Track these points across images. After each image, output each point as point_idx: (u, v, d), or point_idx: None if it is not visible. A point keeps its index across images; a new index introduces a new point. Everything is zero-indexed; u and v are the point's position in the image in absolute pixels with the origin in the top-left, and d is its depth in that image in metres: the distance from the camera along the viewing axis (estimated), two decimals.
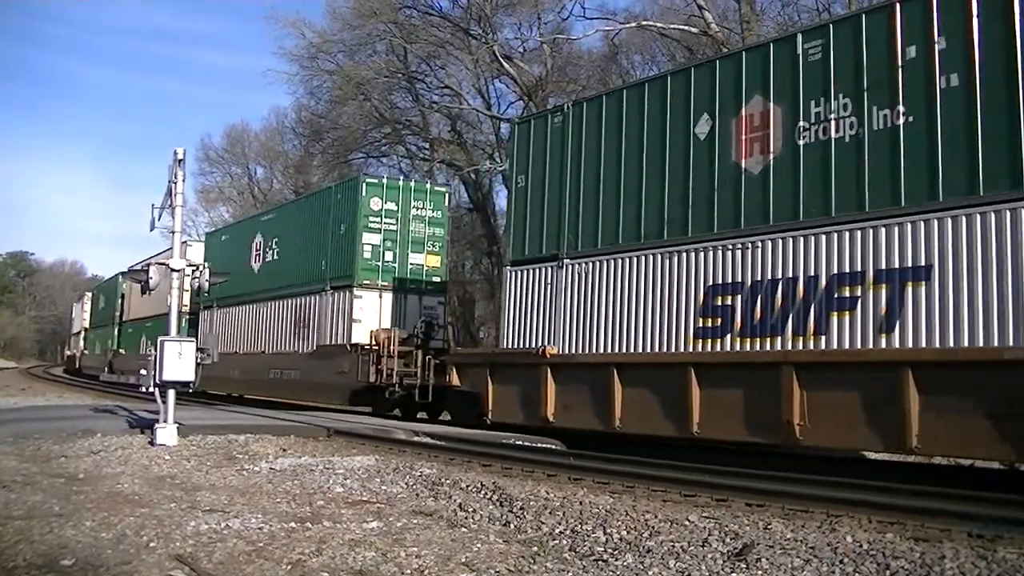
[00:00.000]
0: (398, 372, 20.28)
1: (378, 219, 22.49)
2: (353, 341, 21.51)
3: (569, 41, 39.49)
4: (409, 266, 22.64)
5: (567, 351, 15.30)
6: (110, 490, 9.07)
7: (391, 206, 22.72)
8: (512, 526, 7.61)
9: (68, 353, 67.95)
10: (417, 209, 23.01)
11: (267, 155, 67.61)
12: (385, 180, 23.32)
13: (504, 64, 40.16)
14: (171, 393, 13.27)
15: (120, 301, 42.40)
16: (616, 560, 6.29)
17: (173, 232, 14.41)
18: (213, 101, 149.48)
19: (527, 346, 16.04)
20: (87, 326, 55.64)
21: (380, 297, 22.16)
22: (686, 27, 32.83)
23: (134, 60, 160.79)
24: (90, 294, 57.25)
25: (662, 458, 11.75)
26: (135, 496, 8.72)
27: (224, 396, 29.03)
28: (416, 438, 14.76)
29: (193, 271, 14.64)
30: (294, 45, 46.64)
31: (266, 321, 26.58)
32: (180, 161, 14.17)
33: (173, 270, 13.98)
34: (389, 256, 22.46)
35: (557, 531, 7.32)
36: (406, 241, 22.75)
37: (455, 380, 17.92)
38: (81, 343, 57.43)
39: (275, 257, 26.67)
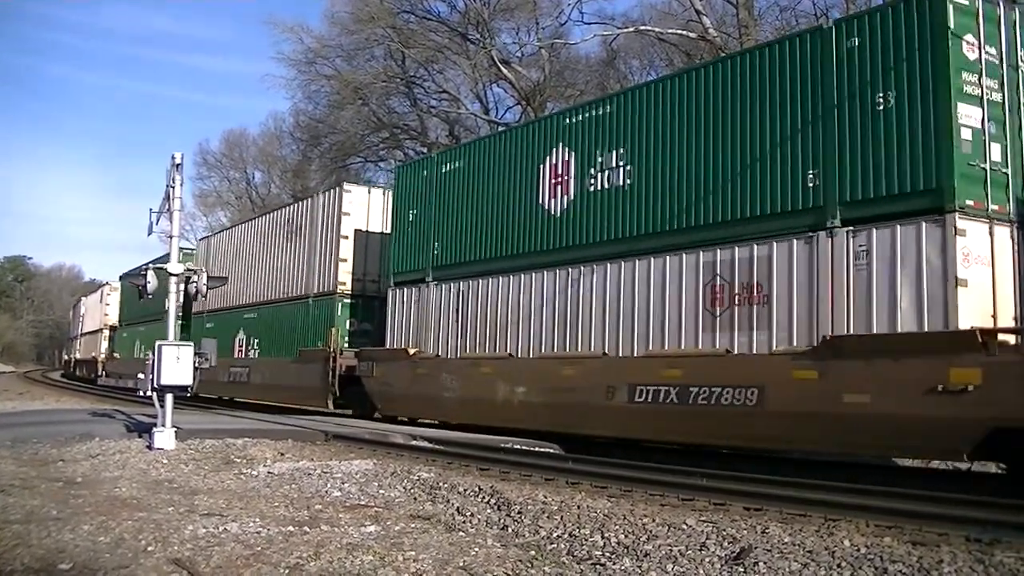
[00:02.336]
0: None
1: (975, 78, 11.20)
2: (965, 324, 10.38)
3: (567, 46, 39.59)
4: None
5: None
6: (108, 494, 9.06)
7: (991, 54, 11.43)
8: (510, 530, 7.61)
9: (73, 357, 58.84)
10: None
11: (265, 160, 67.76)
12: (980, 2, 11.39)
13: (502, 69, 40.24)
14: (169, 397, 13.26)
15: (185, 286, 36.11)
16: (614, 564, 6.30)
17: (171, 236, 14.42)
18: (211, 106, 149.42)
19: None
20: (114, 323, 44.90)
21: (991, 234, 11.07)
22: (684, 32, 32.89)
23: (132, 65, 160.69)
24: (117, 284, 46.01)
25: None
26: (133, 500, 8.71)
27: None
28: (414, 442, 14.75)
29: (191, 274, 14.64)
30: (292, 50, 46.83)
31: (592, 299, 14.93)
32: (178, 166, 14.19)
33: (171, 275, 14.00)
34: (995, 152, 11.28)
35: (555, 535, 7.32)
36: (1018, 121, 11.56)
37: None
38: (103, 344, 46.93)
39: (621, 182, 14.70)
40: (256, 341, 26.29)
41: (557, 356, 15.42)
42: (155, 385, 13.17)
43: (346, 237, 22.32)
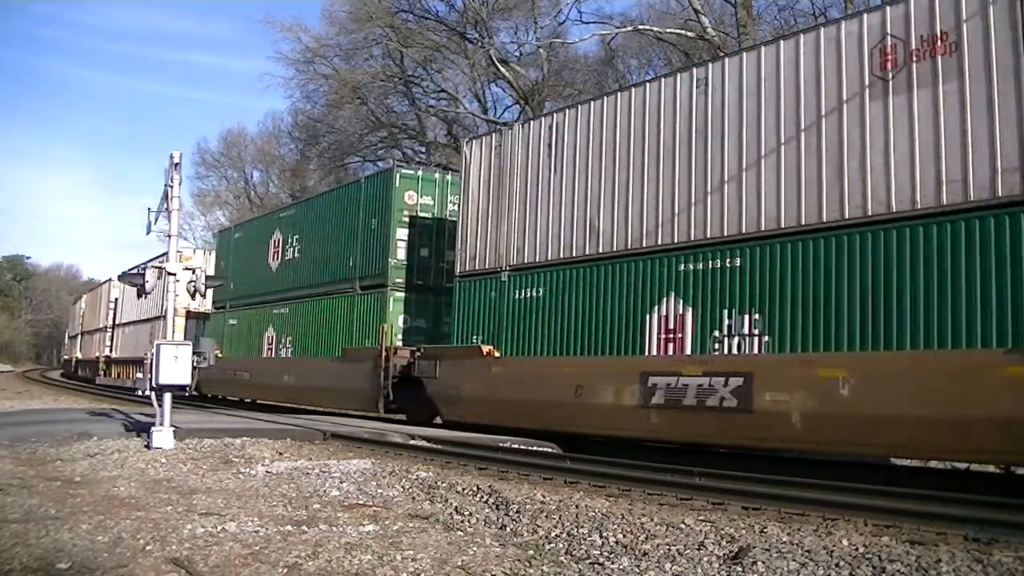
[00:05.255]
0: None
1: None
2: None
3: (565, 45, 39.63)
4: None
5: None
6: (106, 493, 9.05)
7: None
8: (508, 529, 7.61)
9: (99, 356, 44.43)
10: None
11: (263, 159, 67.75)
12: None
13: (500, 68, 40.26)
14: (167, 396, 13.25)
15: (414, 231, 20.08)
16: (612, 563, 6.29)
17: (169, 236, 14.39)
18: (209, 105, 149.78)
19: None
20: (192, 308, 29.01)
21: None
22: (682, 31, 32.91)
23: (130, 63, 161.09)
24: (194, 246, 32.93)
25: None
26: (131, 499, 8.71)
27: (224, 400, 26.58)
28: (412, 441, 14.74)
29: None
30: (291, 49, 46.90)
31: None
32: (176, 165, 14.18)
33: (170, 274, 13.98)
34: None
35: (553, 534, 7.32)
36: None
37: None
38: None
39: None
40: (758, 321, 12.26)
41: None
42: (153, 384, 13.17)
43: None
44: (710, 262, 12.99)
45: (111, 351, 42.34)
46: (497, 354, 16.23)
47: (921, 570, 5.86)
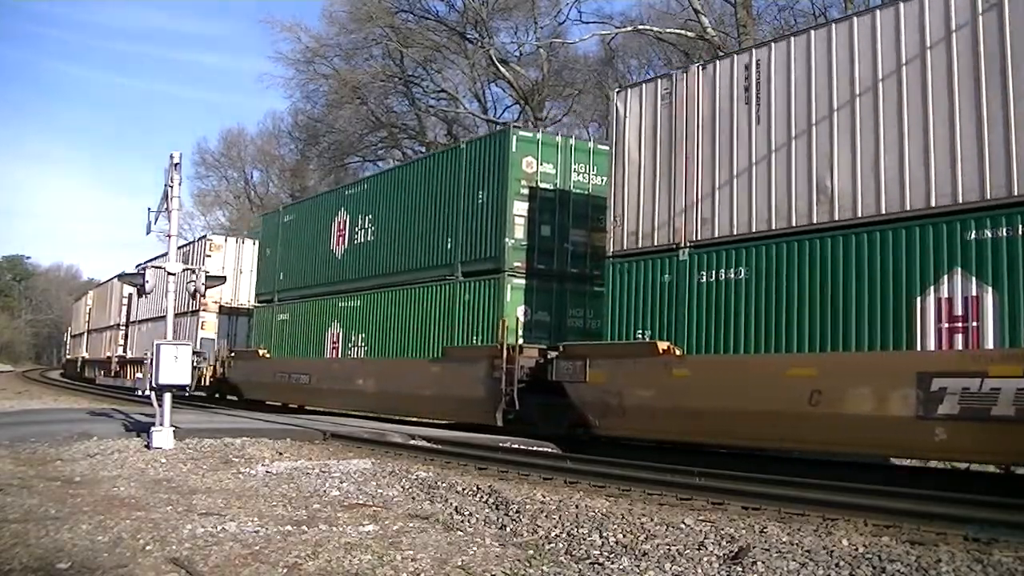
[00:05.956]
0: None
1: None
2: None
3: (565, 45, 39.66)
4: None
5: None
6: (106, 493, 9.06)
7: None
8: (508, 529, 7.61)
9: (111, 355, 40.20)
10: None
11: (263, 159, 67.84)
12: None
13: (500, 68, 40.29)
14: (167, 396, 13.25)
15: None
16: (612, 563, 6.29)
17: (169, 236, 14.39)
18: (209, 105, 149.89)
19: None
20: (232, 303, 28.81)
21: None
22: (682, 31, 32.92)
23: (130, 63, 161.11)
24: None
25: None
26: (131, 499, 8.71)
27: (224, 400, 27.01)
28: (412, 442, 14.75)
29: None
30: (290, 49, 46.94)
31: None
32: (176, 165, 14.19)
33: (170, 274, 13.99)
34: None
35: (553, 534, 7.32)
36: None
37: None
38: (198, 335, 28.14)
39: None
40: None
41: None
42: (153, 384, 13.17)
43: None
44: (1021, 226, 9.64)
45: (125, 350, 38.29)
46: (678, 352, 12.94)
47: (921, 570, 5.86)
